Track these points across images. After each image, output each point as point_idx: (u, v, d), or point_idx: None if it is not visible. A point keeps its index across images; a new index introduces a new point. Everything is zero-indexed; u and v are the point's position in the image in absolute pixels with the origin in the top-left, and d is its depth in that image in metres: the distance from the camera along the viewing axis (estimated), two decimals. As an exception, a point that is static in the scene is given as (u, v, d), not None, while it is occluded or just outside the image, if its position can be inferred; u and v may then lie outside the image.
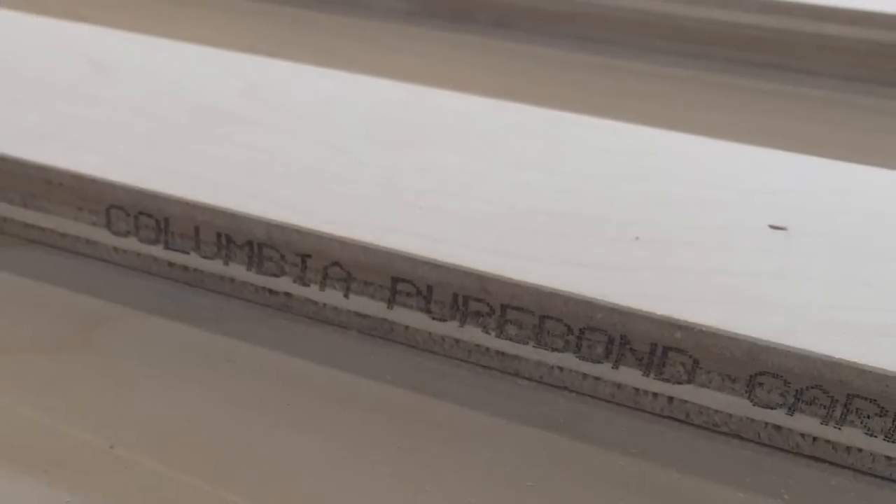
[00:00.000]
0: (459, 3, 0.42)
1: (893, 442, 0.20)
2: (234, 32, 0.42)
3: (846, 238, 0.24)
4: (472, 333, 0.23)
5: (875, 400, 0.20)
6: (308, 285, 0.25)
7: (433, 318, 0.24)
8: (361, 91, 0.31)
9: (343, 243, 0.23)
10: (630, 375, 0.22)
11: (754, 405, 0.21)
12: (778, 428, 0.21)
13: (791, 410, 0.21)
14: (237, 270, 0.25)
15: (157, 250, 0.26)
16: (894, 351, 0.20)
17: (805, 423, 0.21)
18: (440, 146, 0.27)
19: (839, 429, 0.21)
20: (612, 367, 0.22)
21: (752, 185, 0.26)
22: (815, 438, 0.21)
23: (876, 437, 0.20)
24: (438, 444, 0.22)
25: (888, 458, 0.21)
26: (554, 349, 0.23)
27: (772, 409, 0.21)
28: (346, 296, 0.24)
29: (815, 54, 0.38)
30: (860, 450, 0.21)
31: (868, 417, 0.20)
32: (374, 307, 0.24)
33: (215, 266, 0.26)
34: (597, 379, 0.23)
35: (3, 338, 0.25)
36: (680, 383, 0.22)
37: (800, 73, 0.38)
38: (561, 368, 0.23)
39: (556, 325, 0.22)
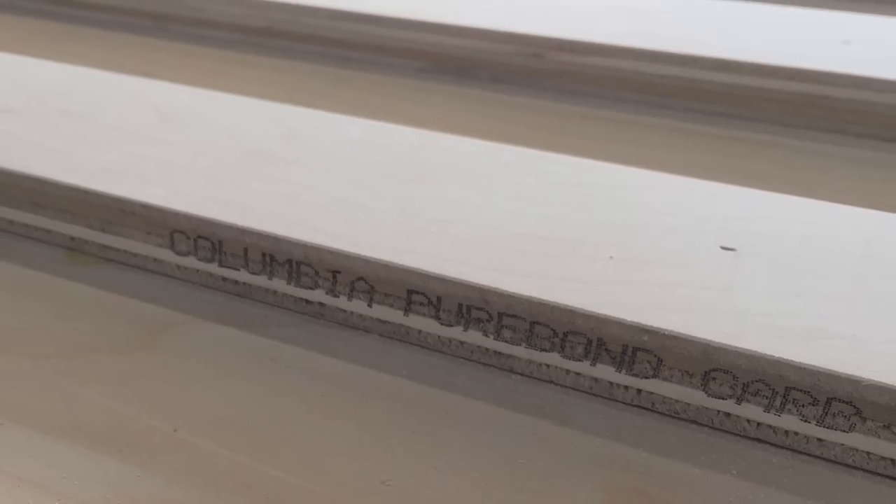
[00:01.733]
0: (463, 63, 0.42)
1: (823, 426, 0.20)
2: (276, 87, 0.42)
3: (784, 257, 0.24)
4: (474, 336, 0.23)
5: (808, 392, 0.20)
6: (338, 296, 0.25)
7: (442, 324, 0.24)
8: (382, 135, 0.31)
9: (367, 261, 0.24)
10: (605, 371, 0.22)
11: (708, 396, 0.21)
12: (728, 415, 0.21)
13: (739, 400, 0.21)
14: (279, 284, 0.25)
15: (213, 267, 0.26)
16: (824, 351, 0.20)
17: (750, 410, 0.21)
18: (447, 181, 0.27)
19: (779, 415, 0.21)
20: (591, 365, 0.22)
21: (706, 213, 0.26)
22: (758, 423, 0.21)
23: (809, 422, 0.20)
24: (447, 428, 0.22)
25: (819, 440, 0.21)
26: (542, 349, 0.23)
27: (723, 399, 0.21)
28: (369, 305, 0.24)
29: (759, 105, 0.38)
30: (796, 433, 0.21)
31: (803, 406, 0.20)
32: (392, 314, 0.24)
33: (261, 280, 0.26)
34: (577, 374, 0.23)
35: (85, 341, 0.25)
36: (647, 378, 0.22)
37: (746, 120, 0.38)
38: (548, 365, 0.23)
39: (544, 329, 0.22)
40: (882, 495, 0.20)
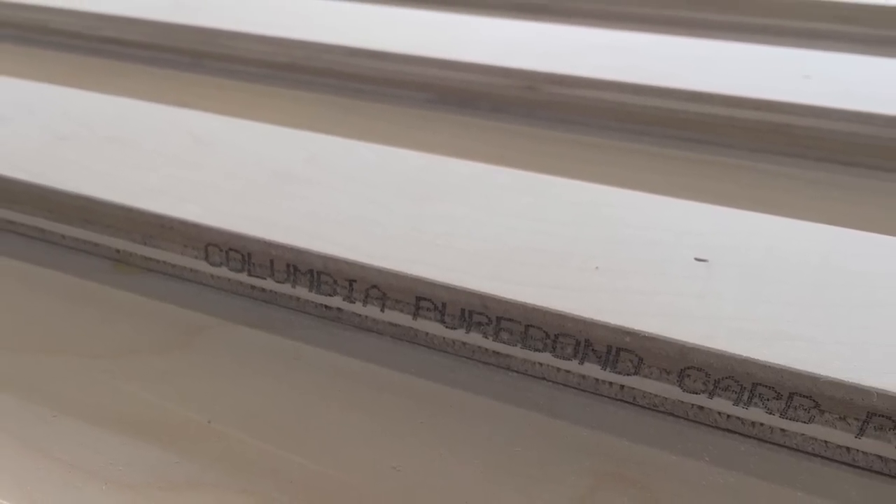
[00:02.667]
0: (465, 94, 0.43)
1: (786, 418, 0.20)
2: (300, 116, 0.42)
3: (751, 268, 0.24)
4: (476, 338, 0.23)
5: (772, 387, 0.20)
6: (354, 302, 0.25)
7: (446, 327, 0.24)
8: (393, 159, 0.31)
9: (380, 271, 0.24)
10: (592, 369, 0.22)
11: (684, 391, 0.21)
12: (701, 408, 0.21)
13: (711, 395, 0.21)
14: (301, 291, 0.25)
15: (243, 276, 0.26)
16: (786, 351, 0.20)
17: (721, 404, 0.21)
18: (451, 200, 0.27)
19: (746, 408, 0.21)
20: (579, 363, 0.22)
21: (682, 228, 0.26)
22: (728, 415, 0.21)
23: (773, 414, 0.21)
24: (450, 420, 0.22)
25: (782, 430, 0.21)
26: (536, 350, 0.23)
27: (696, 394, 0.21)
28: (382, 310, 0.24)
29: (728, 132, 0.38)
30: (762, 424, 0.21)
31: (768, 400, 0.20)
32: (402, 319, 0.24)
33: (285, 288, 0.26)
34: (567, 372, 0.23)
35: (129, 342, 0.25)
36: (629, 375, 0.22)
37: (717, 145, 0.38)
38: (541, 364, 0.23)
39: (537, 331, 0.22)
40: (839, 480, 0.20)
